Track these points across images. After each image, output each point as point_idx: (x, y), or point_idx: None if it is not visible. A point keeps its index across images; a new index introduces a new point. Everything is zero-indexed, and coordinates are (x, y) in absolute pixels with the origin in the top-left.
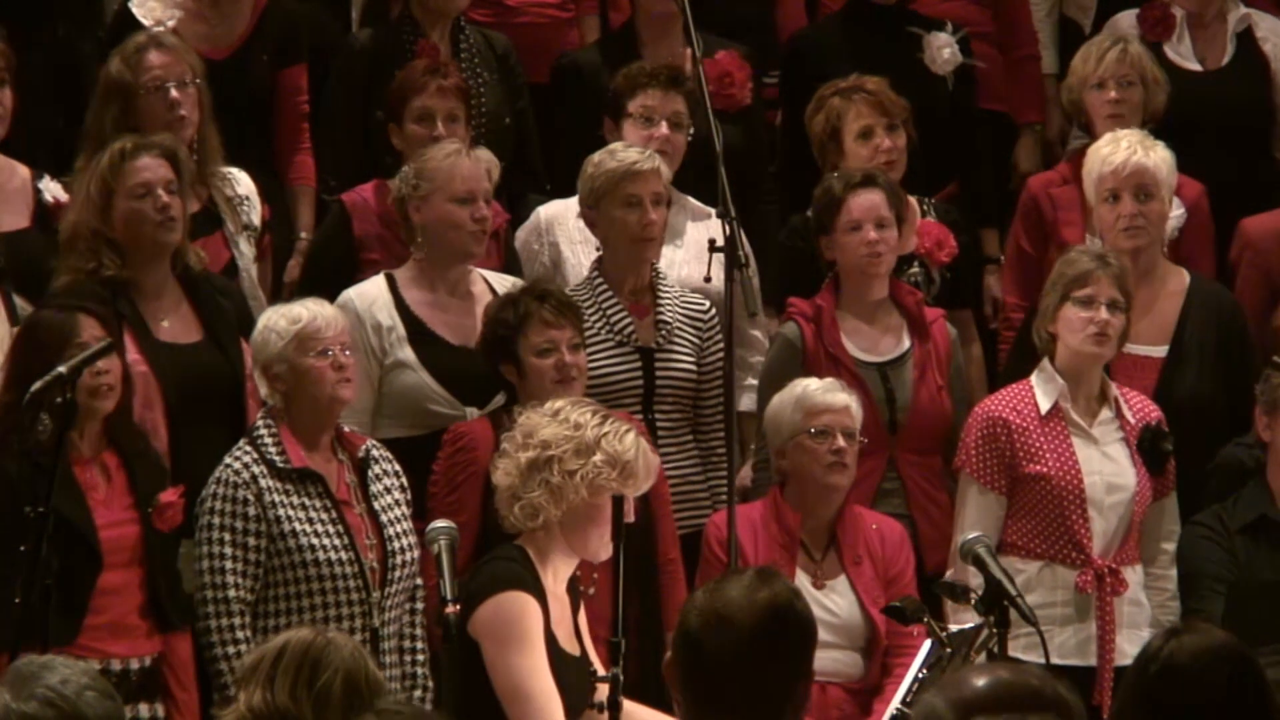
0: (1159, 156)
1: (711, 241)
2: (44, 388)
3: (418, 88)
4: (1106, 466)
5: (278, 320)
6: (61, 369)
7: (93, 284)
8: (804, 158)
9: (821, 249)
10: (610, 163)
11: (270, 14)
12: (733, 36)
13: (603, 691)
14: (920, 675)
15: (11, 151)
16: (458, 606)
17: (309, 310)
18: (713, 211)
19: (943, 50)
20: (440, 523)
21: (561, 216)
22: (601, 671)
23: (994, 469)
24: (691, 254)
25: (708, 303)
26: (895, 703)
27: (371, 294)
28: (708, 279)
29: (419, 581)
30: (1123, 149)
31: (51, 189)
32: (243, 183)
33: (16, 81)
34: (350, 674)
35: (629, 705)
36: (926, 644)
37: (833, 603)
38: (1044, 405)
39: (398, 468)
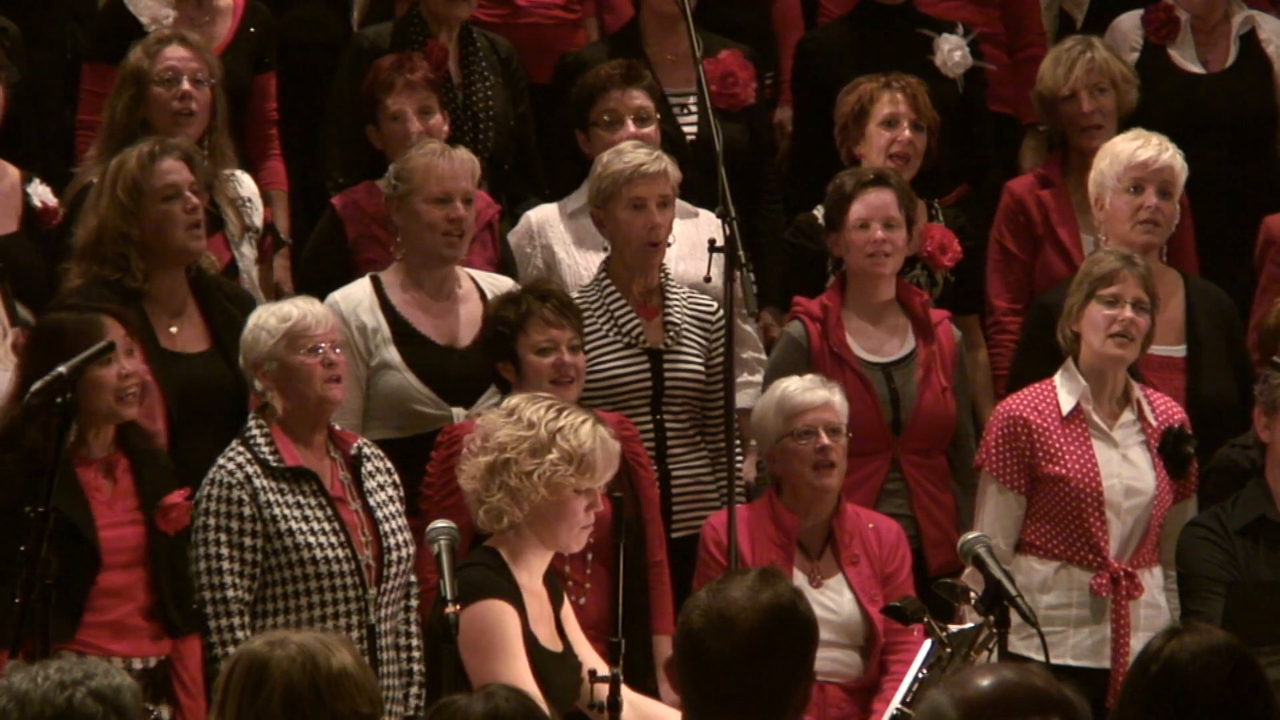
0: (1180, 161)
1: (711, 242)
2: (44, 388)
3: (385, 87)
4: (1126, 470)
5: (268, 319)
6: (62, 369)
7: (105, 290)
8: (810, 157)
9: (830, 246)
10: (618, 164)
11: (249, 20)
12: (729, 39)
13: (602, 691)
14: (920, 675)
15: (16, 150)
16: (458, 606)
17: (299, 308)
18: (700, 211)
19: (954, 53)
20: (440, 523)
21: (551, 219)
22: (603, 670)
23: (1013, 468)
24: (683, 251)
25: (715, 304)
26: (895, 702)
27: (356, 296)
28: (708, 279)
29: (414, 578)
30: (1153, 144)
31: (40, 193)
32: (245, 184)
33: (25, 81)
34: (290, 687)
35: (631, 696)
36: (926, 644)
37: (831, 601)
38: (1066, 406)
39: (389, 465)
